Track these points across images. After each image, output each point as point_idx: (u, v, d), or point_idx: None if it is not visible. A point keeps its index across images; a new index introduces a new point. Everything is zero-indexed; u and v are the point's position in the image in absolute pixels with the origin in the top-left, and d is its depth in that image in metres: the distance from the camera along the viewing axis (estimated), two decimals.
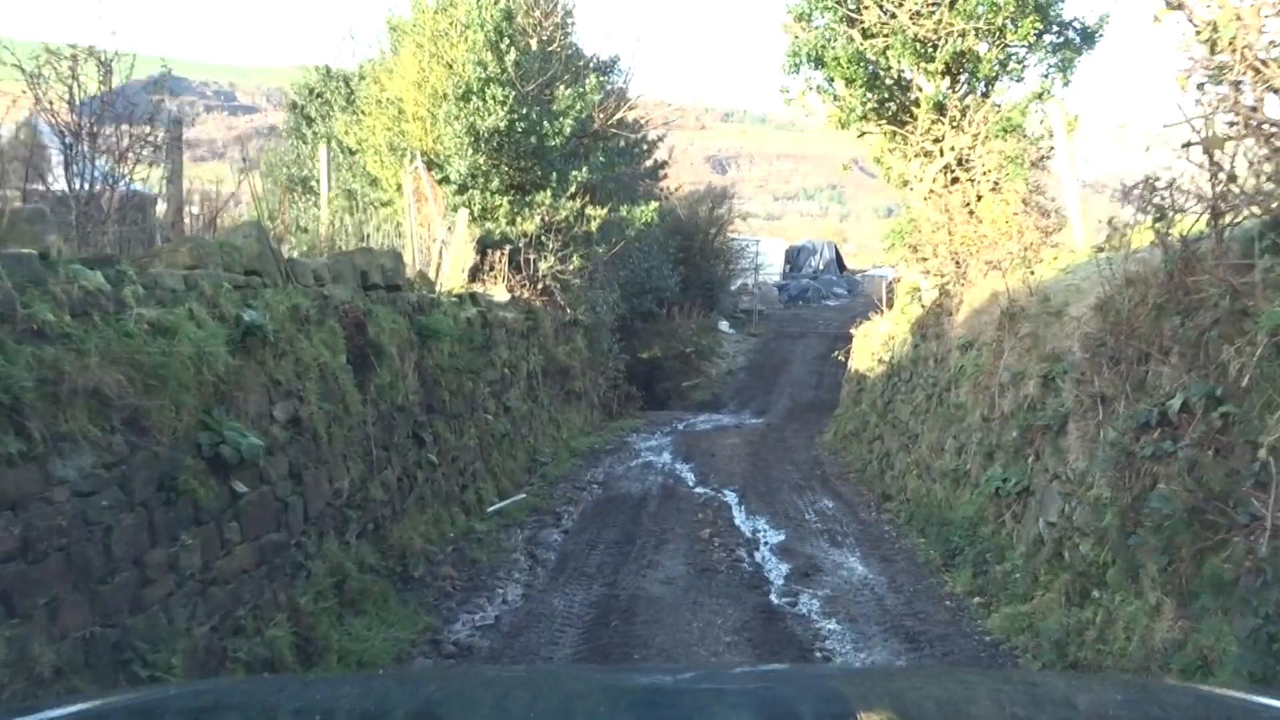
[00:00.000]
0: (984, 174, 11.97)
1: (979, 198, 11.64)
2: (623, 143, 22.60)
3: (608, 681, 2.40)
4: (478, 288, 14.20)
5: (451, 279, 14.30)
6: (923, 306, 12.91)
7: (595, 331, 20.51)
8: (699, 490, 12.16)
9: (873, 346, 15.88)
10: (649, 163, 27.14)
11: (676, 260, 29.90)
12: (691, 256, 33.38)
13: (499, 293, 13.85)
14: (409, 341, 8.97)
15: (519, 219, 18.58)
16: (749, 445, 16.56)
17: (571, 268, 18.72)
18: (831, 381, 27.50)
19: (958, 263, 11.34)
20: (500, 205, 18.43)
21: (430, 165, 18.98)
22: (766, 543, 9.48)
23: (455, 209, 16.10)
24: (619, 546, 9.15)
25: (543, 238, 18.59)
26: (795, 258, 43.61)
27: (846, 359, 18.24)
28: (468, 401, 10.68)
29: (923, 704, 2.09)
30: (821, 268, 43.46)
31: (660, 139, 27.19)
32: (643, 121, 25.61)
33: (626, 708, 1.95)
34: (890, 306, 16.95)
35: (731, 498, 11.62)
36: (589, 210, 19.16)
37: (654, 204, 21.03)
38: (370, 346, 7.76)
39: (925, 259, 12.66)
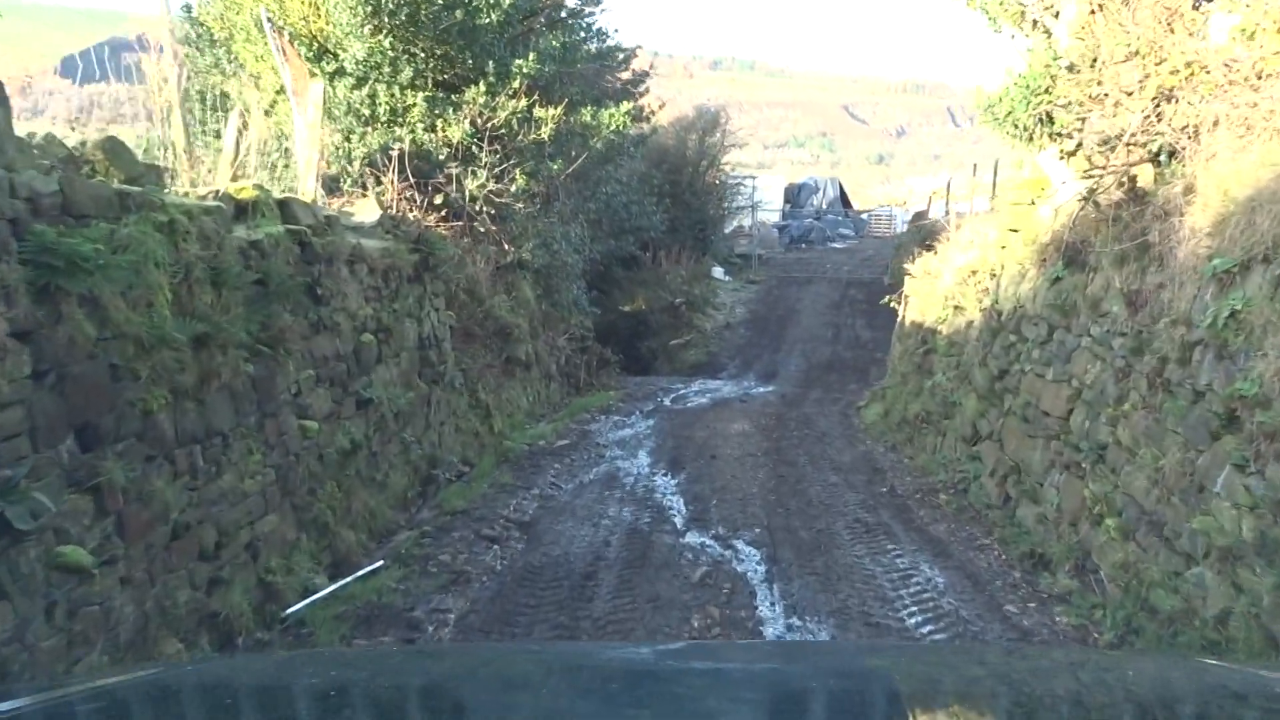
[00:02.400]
0: None
1: None
2: (585, 30, 16.96)
3: (614, 658, 2.35)
4: (337, 204, 8.72)
5: (302, 188, 8.84)
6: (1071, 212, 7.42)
7: (553, 278, 15.03)
8: (692, 541, 6.75)
9: (945, 288, 10.45)
10: (625, 73, 21.42)
11: (661, 193, 24.31)
12: (680, 193, 27.78)
13: (365, 210, 8.34)
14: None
15: (440, 123, 13.08)
16: (763, 433, 11.22)
17: (514, 189, 13.21)
18: (850, 336, 22.11)
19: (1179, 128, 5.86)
20: (413, 104, 12.93)
21: (320, 53, 13.39)
22: None
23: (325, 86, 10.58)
24: None
25: (473, 148, 13.10)
26: (796, 196, 37.97)
27: (902, 307, 12.76)
28: (236, 403, 5.25)
29: (929, 680, 1.98)
30: (825, 207, 37.84)
31: (645, 80, 21.60)
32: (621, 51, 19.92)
33: (632, 684, 1.89)
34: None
35: (751, 562, 6.24)
36: (538, 112, 13.62)
37: (626, 105, 15.40)
38: None
39: (1072, 133, 7.17)
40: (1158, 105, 5.96)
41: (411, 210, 9.94)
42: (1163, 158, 5.98)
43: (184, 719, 1.74)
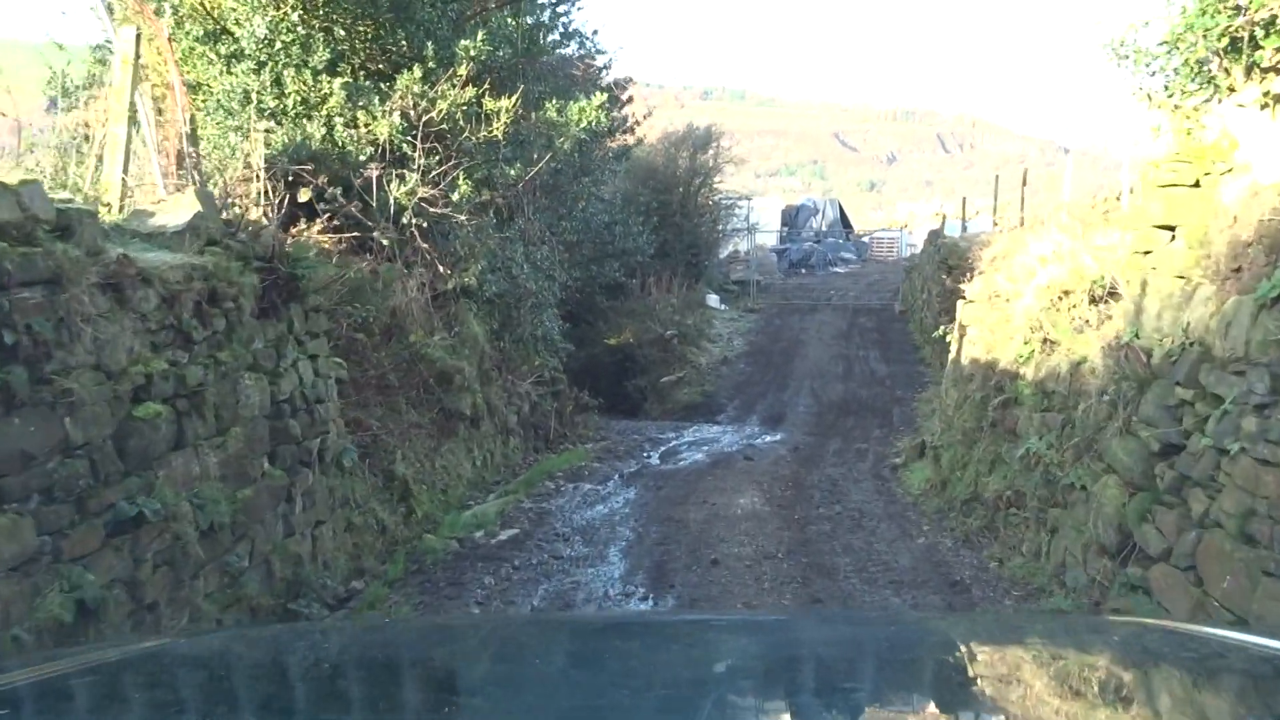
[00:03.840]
0: None
1: None
2: (553, 19, 14.11)
3: (613, 624, 2.45)
4: (157, 205, 5.78)
5: (107, 179, 5.90)
6: None
7: (515, 308, 12.07)
8: None
9: (1023, 314, 7.52)
10: (606, 78, 18.54)
11: (649, 210, 21.46)
12: (670, 214, 24.93)
13: (175, 209, 5.37)
14: None
15: (363, 117, 10.26)
16: (780, 513, 8.24)
17: (457, 197, 10.31)
18: (863, 371, 19.15)
19: None
20: (330, 93, 10.14)
21: (217, 34, 10.61)
22: None
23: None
24: None
25: (405, 147, 10.26)
26: (794, 219, 35.16)
27: (954, 339, 9.80)
28: None
29: (924, 642, 1.99)
30: (824, 229, 35.02)
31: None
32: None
33: (632, 649, 1.87)
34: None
35: None
36: (488, 104, 10.79)
37: (600, 98, 12.52)
38: None
39: None
40: None
41: (265, 214, 6.98)
42: None
43: (176, 691, 1.65)
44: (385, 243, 9.41)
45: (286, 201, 8.43)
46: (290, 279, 5.89)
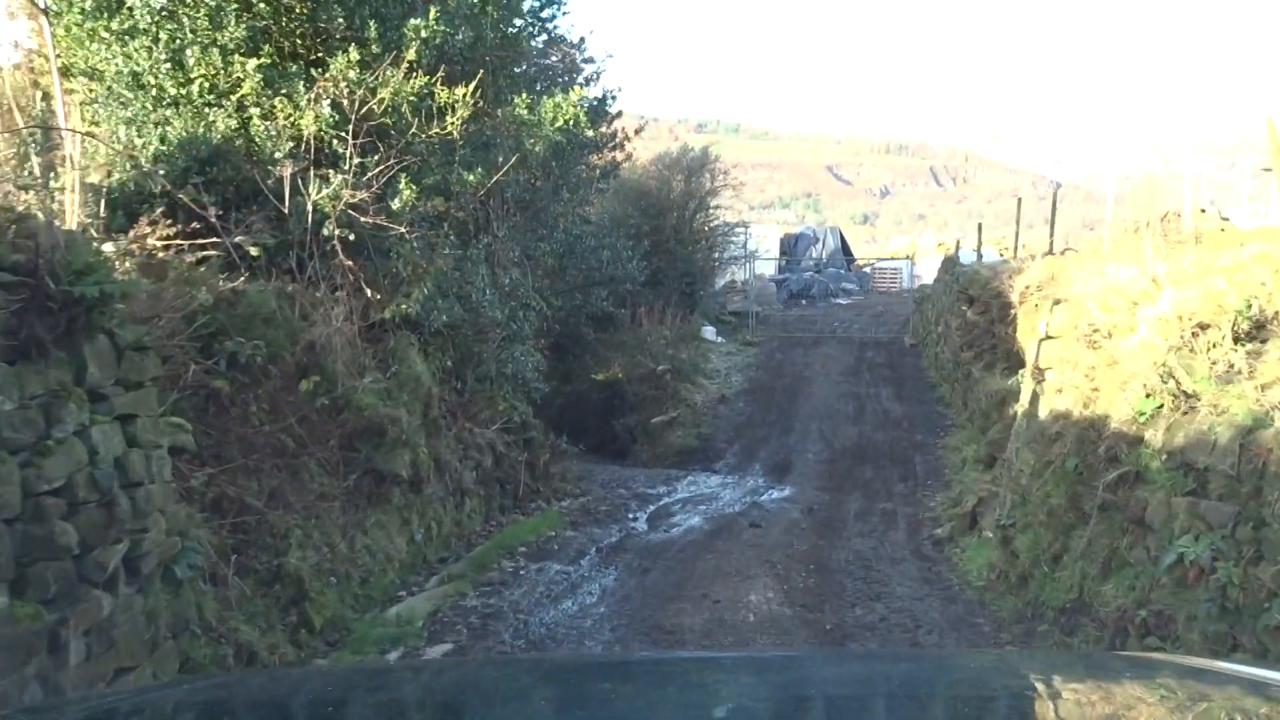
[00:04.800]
0: None
1: None
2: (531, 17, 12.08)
3: (610, 664, 2.34)
4: None
5: None
6: None
7: (473, 343, 9.94)
8: None
9: (1139, 354, 5.41)
10: (593, 90, 16.47)
11: (640, 234, 19.43)
12: (663, 240, 22.90)
13: None
14: None
15: (284, 106, 8.26)
16: (803, 615, 6.08)
17: (398, 204, 8.25)
18: (876, 410, 17.02)
19: None
20: (244, 77, 8.12)
21: (113, 5, 8.65)
22: None
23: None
24: None
25: (335, 143, 8.24)
26: (793, 248, 33.16)
27: (1027, 386, 7.66)
28: None
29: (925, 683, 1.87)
30: (825, 259, 33.03)
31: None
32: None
33: (637, 690, 1.82)
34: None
35: None
36: (441, 94, 8.78)
37: (578, 93, 10.47)
38: None
39: None
40: None
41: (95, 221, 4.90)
42: None
43: None
44: (300, 261, 7.32)
45: (166, 209, 6.39)
46: (76, 303, 3.77)
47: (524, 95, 9.86)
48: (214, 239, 6.73)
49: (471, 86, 8.74)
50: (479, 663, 3.30)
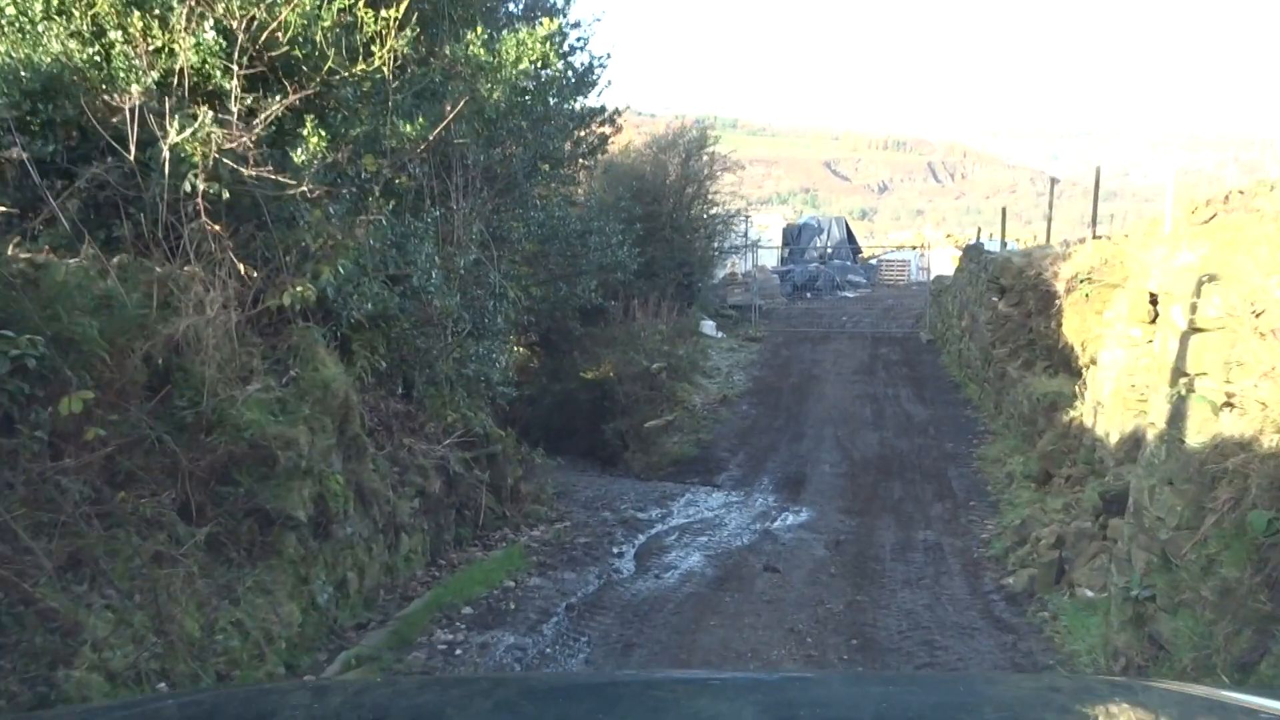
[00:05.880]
0: None
1: None
2: None
3: (606, 685, 2.24)
4: None
5: None
6: None
7: (416, 340, 7.85)
8: None
9: None
10: (579, 59, 14.27)
11: (632, 217, 17.37)
12: (659, 228, 20.87)
13: None
14: None
15: (148, 26, 6.12)
16: None
17: (302, 158, 6.18)
18: (897, 414, 14.95)
19: None
20: None
21: None
22: None
23: None
24: None
25: (218, 75, 6.11)
26: (796, 239, 31.05)
27: (1166, 401, 5.56)
28: None
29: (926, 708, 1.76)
30: (830, 250, 30.95)
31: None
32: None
33: (626, 710, 1.74)
34: None
35: None
36: (365, 17, 6.67)
37: (548, 27, 8.37)
38: None
39: None
40: None
41: None
42: None
43: None
44: (169, 229, 5.28)
45: None
46: None
47: (480, 30, 7.80)
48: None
49: (404, 8, 6.67)
50: (468, 681, 3.23)
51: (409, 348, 7.75)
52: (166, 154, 5.41)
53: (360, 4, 6.66)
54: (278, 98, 6.26)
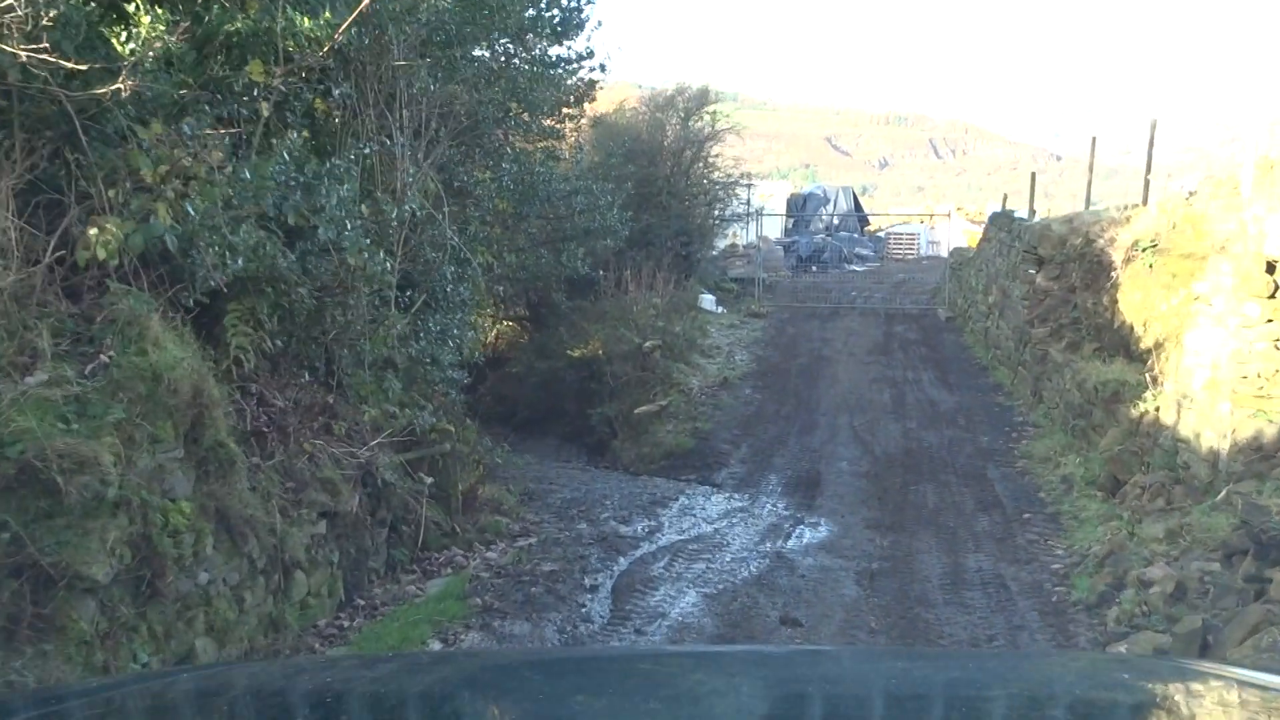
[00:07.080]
0: None
1: None
2: None
3: (617, 660, 2.20)
4: None
5: None
6: None
7: (327, 311, 5.96)
8: None
9: None
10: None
11: (623, 177, 15.43)
12: (654, 194, 18.93)
13: None
14: None
15: None
16: None
17: (127, 47, 4.17)
18: (919, 400, 13.04)
19: None
20: None
21: None
22: None
23: None
24: None
25: None
26: (801, 209, 29.04)
27: None
28: None
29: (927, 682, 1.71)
30: (837, 221, 28.96)
31: None
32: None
33: (634, 686, 1.68)
34: None
35: None
36: None
37: None
38: None
39: None
40: None
41: None
42: None
43: None
44: None
45: None
46: None
47: None
48: None
49: None
50: (480, 655, 3.11)
51: (318, 322, 5.83)
52: None
53: None
54: None
